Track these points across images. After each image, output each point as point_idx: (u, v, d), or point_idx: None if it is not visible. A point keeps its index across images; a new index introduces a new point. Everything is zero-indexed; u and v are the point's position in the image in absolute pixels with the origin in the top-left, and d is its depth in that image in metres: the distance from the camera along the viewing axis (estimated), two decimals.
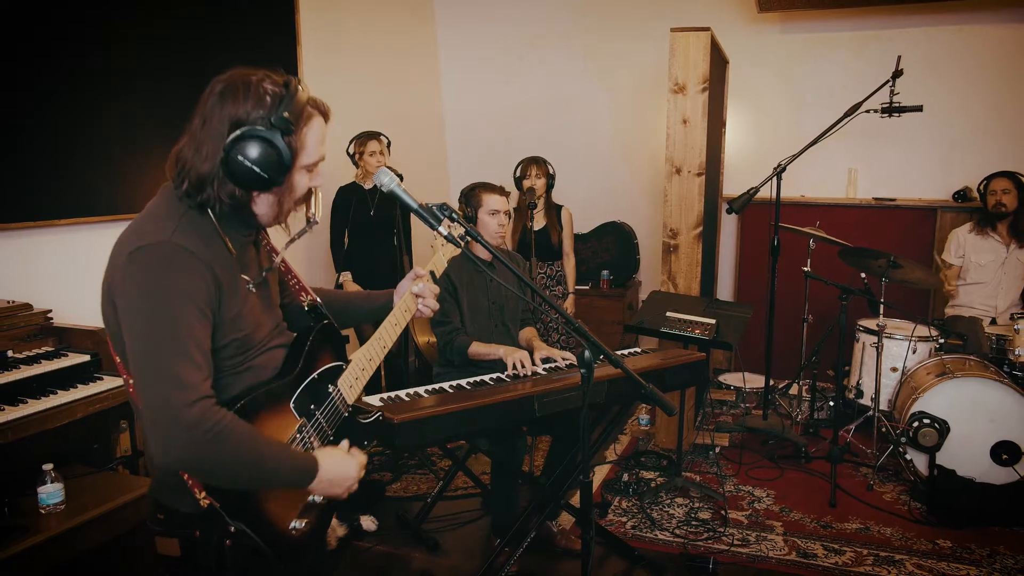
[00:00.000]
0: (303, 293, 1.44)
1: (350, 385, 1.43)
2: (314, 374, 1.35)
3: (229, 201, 1.20)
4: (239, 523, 1.18)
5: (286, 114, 1.18)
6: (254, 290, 1.29)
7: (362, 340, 2.88)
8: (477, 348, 2.58)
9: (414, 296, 1.54)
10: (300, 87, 1.23)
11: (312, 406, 1.34)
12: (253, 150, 1.16)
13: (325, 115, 1.28)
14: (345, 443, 1.35)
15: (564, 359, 2.48)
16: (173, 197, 1.22)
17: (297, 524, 1.29)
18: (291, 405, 1.30)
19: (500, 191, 2.74)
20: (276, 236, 1.41)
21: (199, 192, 1.19)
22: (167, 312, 1.10)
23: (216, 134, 1.18)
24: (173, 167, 1.22)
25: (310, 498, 1.31)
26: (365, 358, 1.47)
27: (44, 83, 2.48)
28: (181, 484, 1.18)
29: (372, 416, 1.52)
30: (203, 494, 1.16)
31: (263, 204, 1.26)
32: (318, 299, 1.45)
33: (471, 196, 2.71)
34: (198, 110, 1.21)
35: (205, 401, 1.09)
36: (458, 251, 1.73)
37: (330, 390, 1.38)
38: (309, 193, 1.31)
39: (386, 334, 1.50)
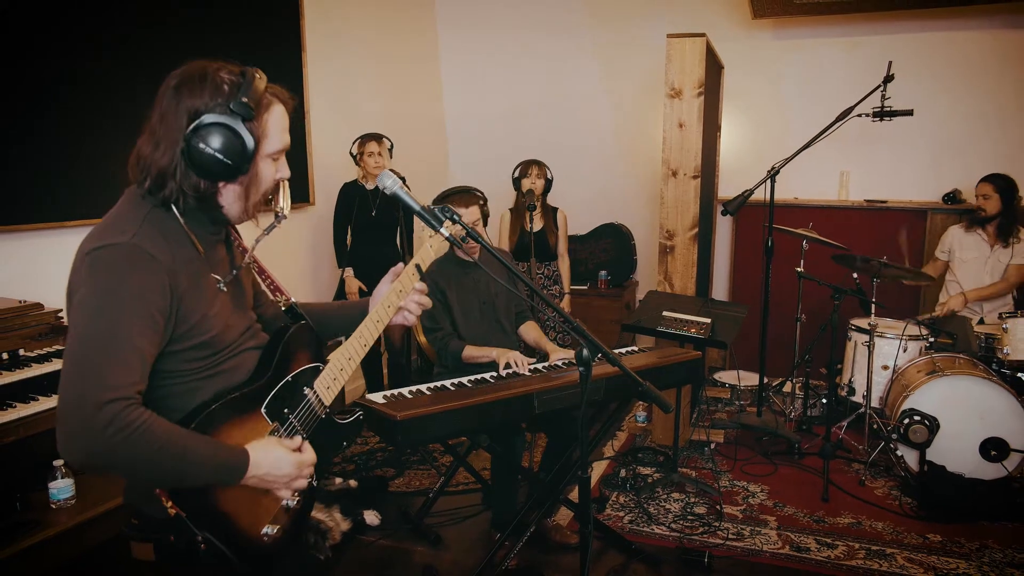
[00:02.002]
0: (278, 292, 1.40)
1: (327, 386, 1.38)
2: (288, 377, 1.31)
3: (194, 194, 1.17)
4: (205, 532, 1.15)
5: (244, 99, 1.15)
6: (224, 289, 1.25)
7: None
8: (471, 351, 2.62)
9: (397, 292, 1.47)
10: (258, 75, 1.20)
11: (286, 410, 1.30)
12: (214, 137, 1.13)
13: (286, 104, 1.26)
14: (297, 440, 1.28)
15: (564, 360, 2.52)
16: (137, 198, 1.19)
17: (269, 530, 1.25)
18: (263, 410, 1.26)
19: (467, 202, 2.62)
20: (248, 236, 1.38)
21: (161, 188, 1.16)
22: (111, 312, 1.07)
23: (175, 127, 1.15)
24: (135, 167, 1.19)
25: (283, 503, 1.28)
26: (344, 357, 1.41)
27: (53, 87, 2.52)
28: (149, 491, 1.16)
29: (351, 416, 1.47)
30: (170, 503, 1.14)
31: (229, 196, 1.22)
32: (293, 298, 1.42)
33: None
34: (155, 106, 1.18)
35: (121, 402, 1.04)
36: (446, 247, 1.70)
37: (306, 392, 1.34)
38: (277, 187, 1.27)
39: (367, 332, 1.44)
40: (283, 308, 1.42)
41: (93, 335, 1.06)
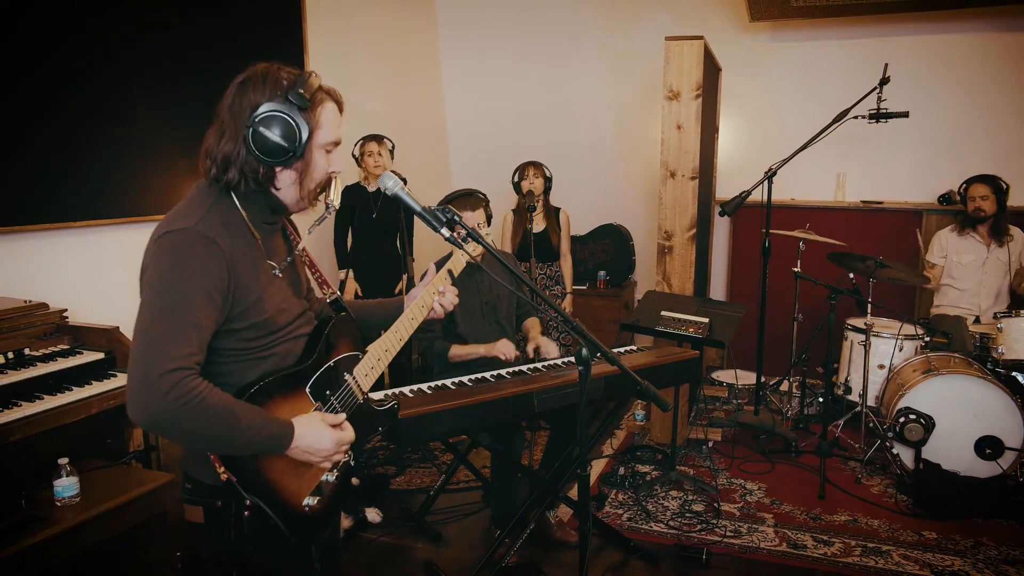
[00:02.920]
0: (325, 286, 1.51)
1: (365, 374, 1.50)
2: (330, 362, 1.42)
3: (253, 177, 1.29)
4: (254, 497, 1.25)
5: (301, 90, 1.28)
6: (280, 275, 1.36)
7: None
8: (457, 351, 2.64)
9: (431, 294, 1.63)
10: (313, 75, 1.33)
11: (328, 391, 1.40)
12: (273, 124, 1.26)
13: (338, 103, 1.38)
14: (340, 416, 1.37)
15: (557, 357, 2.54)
16: (203, 190, 1.31)
17: (310, 501, 1.34)
18: (307, 390, 1.36)
19: (472, 205, 2.65)
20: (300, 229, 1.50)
21: (225, 172, 1.28)
22: (175, 290, 1.18)
23: (239, 118, 1.28)
24: (203, 160, 1.31)
25: (323, 477, 1.37)
26: (381, 349, 1.54)
27: (53, 87, 2.53)
28: (204, 458, 1.27)
29: (388, 404, 1.60)
30: (222, 468, 1.24)
31: (285, 180, 1.33)
32: (339, 292, 1.53)
33: None
34: (223, 102, 1.31)
35: (182, 372, 1.15)
36: (477, 253, 1.78)
37: (346, 378, 1.45)
38: (328, 181, 1.39)
39: (403, 327, 1.58)
40: (328, 300, 1.52)
41: (159, 310, 1.18)
